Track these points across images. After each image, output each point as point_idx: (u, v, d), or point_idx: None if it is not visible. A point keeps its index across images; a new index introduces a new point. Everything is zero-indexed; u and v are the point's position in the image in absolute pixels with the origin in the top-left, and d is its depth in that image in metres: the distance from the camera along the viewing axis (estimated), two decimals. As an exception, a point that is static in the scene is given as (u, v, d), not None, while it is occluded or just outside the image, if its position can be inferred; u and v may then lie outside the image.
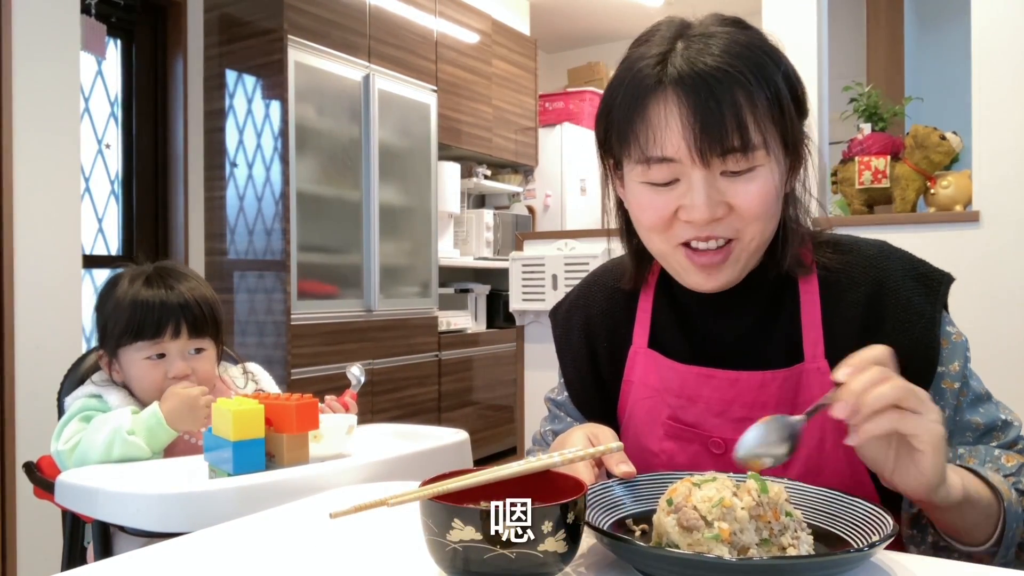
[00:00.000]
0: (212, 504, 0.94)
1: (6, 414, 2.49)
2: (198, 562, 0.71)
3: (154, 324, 1.31)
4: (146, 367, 1.33)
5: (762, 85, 0.77)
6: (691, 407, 0.87)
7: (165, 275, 1.36)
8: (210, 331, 1.37)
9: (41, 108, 2.59)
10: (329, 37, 3.34)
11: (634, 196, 0.84)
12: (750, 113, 0.76)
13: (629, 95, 0.80)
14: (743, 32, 0.80)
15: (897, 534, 0.60)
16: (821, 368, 0.83)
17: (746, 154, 0.77)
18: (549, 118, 5.16)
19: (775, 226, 0.83)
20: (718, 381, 0.86)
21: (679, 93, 0.76)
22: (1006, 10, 2.27)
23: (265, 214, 3.21)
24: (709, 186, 0.78)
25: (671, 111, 0.77)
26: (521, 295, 2.89)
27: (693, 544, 0.60)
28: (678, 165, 0.78)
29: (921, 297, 0.83)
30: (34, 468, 1.36)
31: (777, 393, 0.83)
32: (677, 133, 0.76)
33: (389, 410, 3.60)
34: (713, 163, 0.77)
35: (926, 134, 2.39)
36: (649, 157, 0.79)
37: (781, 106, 0.78)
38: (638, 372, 0.93)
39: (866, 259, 0.86)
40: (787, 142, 0.81)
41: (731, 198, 0.78)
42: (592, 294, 1.02)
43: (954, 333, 0.85)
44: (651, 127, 0.78)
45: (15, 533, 2.50)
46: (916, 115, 2.97)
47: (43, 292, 2.58)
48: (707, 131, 0.75)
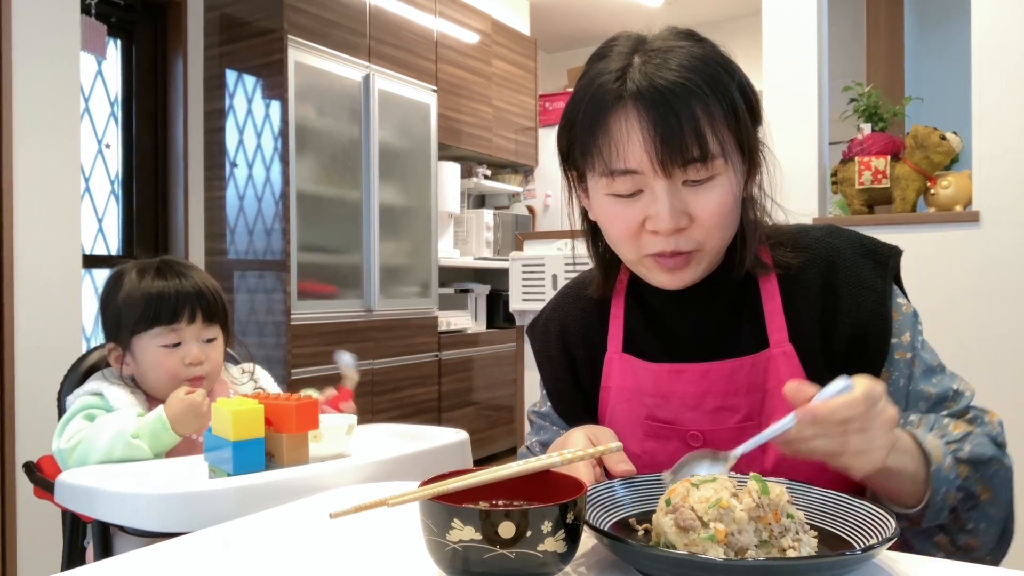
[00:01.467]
0: (212, 504, 0.94)
1: (6, 414, 2.49)
2: (198, 562, 0.71)
3: (171, 309, 1.33)
4: (162, 354, 1.34)
5: (718, 97, 0.80)
6: (666, 404, 0.90)
7: (174, 265, 1.39)
8: (220, 319, 1.40)
9: (41, 108, 2.59)
10: (329, 37, 3.34)
11: (601, 208, 0.87)
12: (707, 124, 0.79)
13: (591, 110, 0.83)
14: (698, 45, 0.84)
15: (898, 536, 0.60)
16: (787, 352, 0.87)
17: (705, 163, 0.80)
18: (549, 118, 5.16)
19: (734, 231, 0.87)
20: (690, 375, 0.89)
21: (639, 107, 0.79)
22: (1006, 10, 2.27)
23: (265, 214, 3.21)
24: (672, 196, 0.81)
25: (632, 125, 0.80)
26: (521, 295, 2.89)
27: (689, 544, 0.60)
28: (641, 177, 0.81)
29: (871, 272, 0.87)
30: (34, 468, 1.36)
31: (747, 379, 0.87)
32: (639, 146, 0.80)
33: (389, 410, 3.60)
34: (675, 173, 0.80)
35: (926, 134, 2.39)
36: (613, 170, 0.82)
37: (737, 115, 0.82)
38: (615, 377, 0.96)
39: (815, 241, 0.90)
40: (743, 149, 0.84)
41: (692, 208, 0.82)
42: (565, 306, 1.05)
43: (904, 305, 0.89)
44: (613, 141, 0.81)
45: (15, 533, 2.50)
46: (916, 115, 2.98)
47: (43, 292, 2.58)
48: (667, 143, 0.78)
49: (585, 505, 0.63)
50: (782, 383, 0.82)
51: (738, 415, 0.87)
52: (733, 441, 0.84)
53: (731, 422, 0.87)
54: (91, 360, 1.48)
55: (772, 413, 0.86)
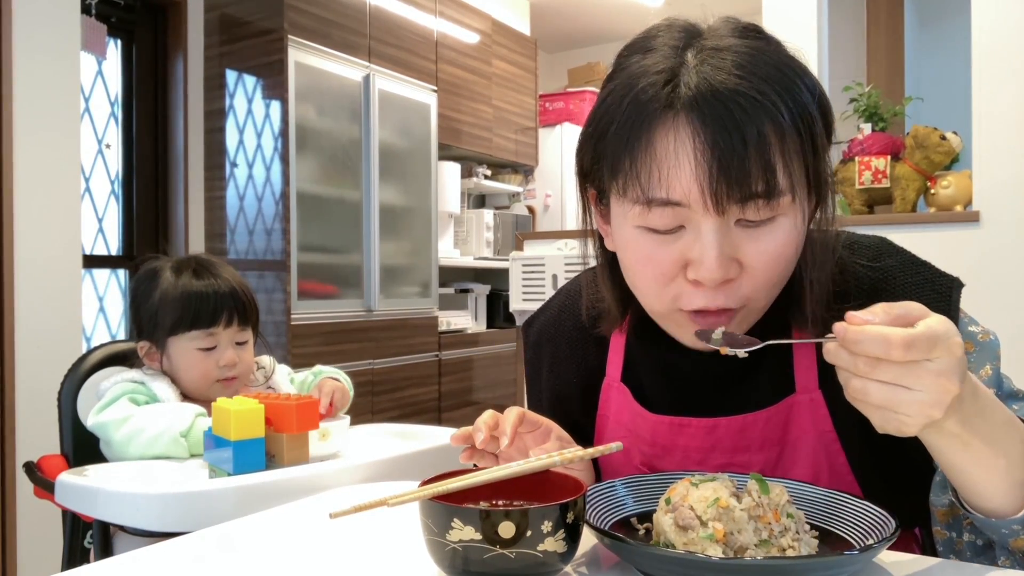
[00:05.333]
0: (212, 504, 0.94)
1: (6, 414, 2.49)
2: (198, 562, 0.71)
3: (209, 313, 1.34)
4: (198, 357, 1.35)
5: (794, 115, 0.64)
6: (667, 456, 0.79)
7: (209, 266, 1.40)
8: (252, 320, 1.41)
9: (41, 108, 2.59)
10: (329, 37, 3.34)
11: (627, 243, 0.70)
12: (779, 150, 0.63)
13: (630, 119, 0.66)
14: (768, 45, 0.67)
15: (897, 537, 0.60)
16: (815, 400, 0.74)
17: (770, 201, 0.64)
18: (549, 118, 5.16)
19: (783, 285, 0.71)
20: (694, 430, 0.77)
21: (694, 121, 0.63)
22: (1006, 10, 2.27)
23: (265, 214, 3.21)
24: (722, 238, 0.65)
25: (682, 144, 0.63)
26: (521, 295, 2.89)
27: (688, 543, 0.60)
28: (685, 211, 0.65)
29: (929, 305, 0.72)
30: (34, 468, 1.35)
31: (761, 434, 0.75)
32: (689, 172, 0.63)
33: (389, 410, 3.59)
34: (729, 211, 0.64)
35: (926, 134, 2.39)
36: (651, 199, 0.65)
37: (813, 140, 0.65)
38: (612, 407, 0.85)
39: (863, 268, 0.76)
40: (811, 180, 0.67)
41: (744, 255, 0.66)
42: (562, 323, 0.92)
43: (979, 333, 0.73)
44: (657, 162, 0.64)
45: (15, 533, 2.50)
46: (916, 115, 2.98)
47: (43, 292, 2.58)
48: (726, 172, 0.62)
49: (585, 505, 0.63)
50: (805, 433, 0.74)
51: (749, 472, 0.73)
52: None
53: None
54: (91, 360, 1.48)
55: (790, 468, 0.75)
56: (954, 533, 0.68)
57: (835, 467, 0.75)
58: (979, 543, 0.66)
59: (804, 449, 0.75)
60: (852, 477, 0.75)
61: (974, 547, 0.67)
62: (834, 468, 0.75)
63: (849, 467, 0.75)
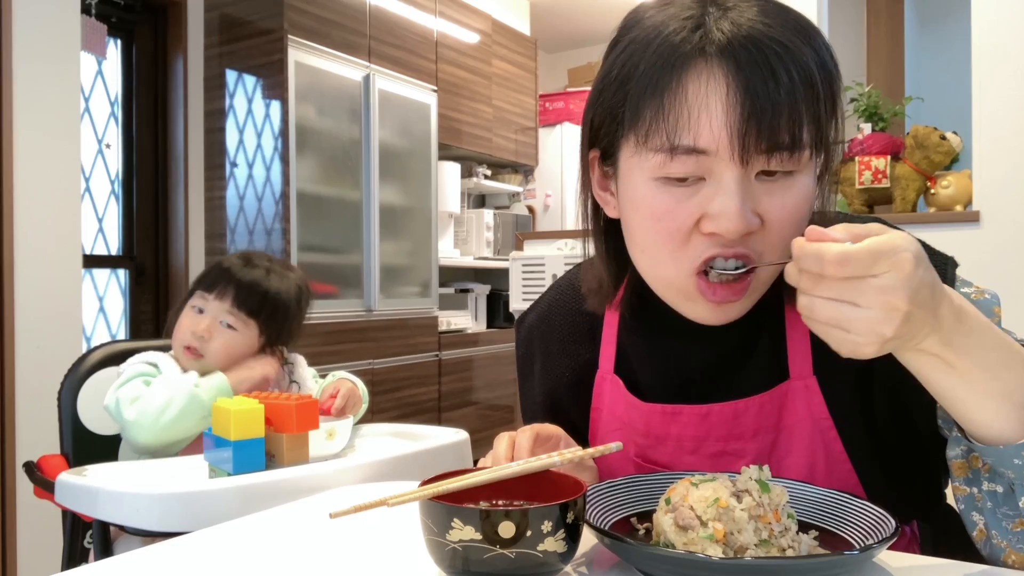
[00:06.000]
0: (212, 504, 0.94)
1: (6, 414, 2.49)
2: (198, 562, 0.71)
3: (210, 281, 1.41)
4: (186, 314, 1.41)
5: (818, 67, 0.63)
6: (660, 446, 0.78)
7: (260, 258, 1.46)
8: (258, 315, 1.41)
9: (41, 108, 2.59)
10: (329, 37, 3.34)
11: (643, 199, 0.67)
12: (807, 101, 0.62)
13: (660, 60, 0.63)
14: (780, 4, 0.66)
15: (897, 537, 0.60)
16: (809, 386, 0.73)
17: (793, 154, 0.63)
18: (549, 118, 5.16)
19: None
20: (687, 417, 0.76)
21: (727, 66, 0.61)
22: (1006, 10, 2.27)
23: (265, 214, 3.21)
24: (744, 191, 0.63)
25: (715, 89, 0.61)
26: (521, 295, 2.89)
27: (688, 543, 0.60)
28: (708, 160, 0.63)
29: None
30: (34, 468, 1.36)
31: (755, 421, 0.74)
32: (719, 118, 0.61)
33: (389, 410, 3.59)
34: (753, 161, 0.63)
35: (926, 134, 2.39)
36: (675, 145, 0.63)
37: (833, 96, 0.65)
38: (606, 400, 0.84)
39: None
40: (822, 143, 0.66)
41: (762, 210, 0.64)
42: (551, 319, 0.91)
43: (973, 292, 0.72)
44: (688, 105, 0.62)
45: (15, 533, 2.50)
46: (916, 115, 2.98)
47: (43, 292, 2.58)
48: (758, 119, 0.61)
49: (585, 505, 0.63)
50: (800, 420, 0.73)
51: (744, 460, 0.74)
52: None
53: (735, 468, 0.72)
54: (91, 360, 1.48)
55: (785, 455, 0.74)
56: (974, 488, 0.65)
57: (831, 454, 0.74)
58: (999, 490, 0.63)
59: (799, 436, 0.74)
60: (849, 465, 0.74)
61: (995, 497, 0.63)
62: (830, 455, 0.74)
63: (846, 454, 0.74)
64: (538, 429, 0.75)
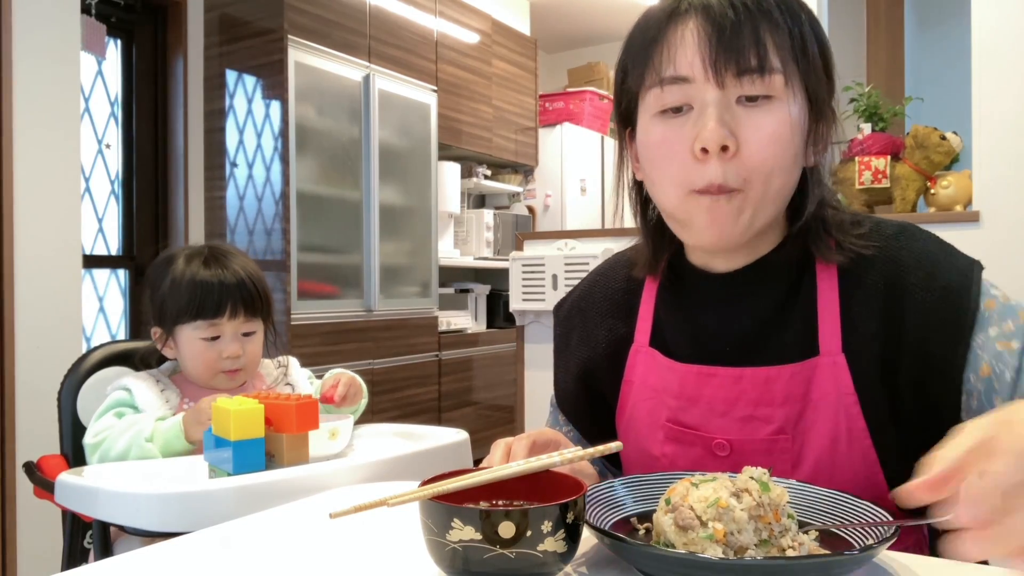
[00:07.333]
0: (212, 504, 0.94)
1: (6, 414, 2.49)
2: (198, 562, 0.71)
3: (213, 304, 1.34)
4: (202, 347, 1.35)
5: (786, 20, 0.75)
6: (692, 408, 0.83)
7: (219, 255, 1.39)
8: (261, 312, 1.40)
9: (41, 108, 2.59)
10: (329, 37, 3.34)
11: (650, 137, 0.80)
12: (771, 36, 0.74)
13: (647, 27, 0.79)
14: None
15: (897, 537, 0.60)
16: (838, 363, 0.78)
17: (763, 76, 0.74)
18: (549, 118, 5.16)
19: (786, 183, 0.78)
20: (720, 379, 0.82)
21: (698, 17, 0.75)
22: (1006, 10, 2.27)
23: (265, 214, 3.21)
24: (723, 110, 0.74)
25: (689, 30, 0.76)
26: (521, 295, 2.89)
27: (688, 543, 0.60)
28: (691, 87, 0.75)
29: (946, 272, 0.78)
30: (34, 468, 1.35)
31: (785, 389, 0.79)
32: (692, 49, 0.75)
33: (389, 410, 3.59)
34: (728, 83, 0.74)
35: (926, 134, 2.39)
36: (663, 77, 0.76)
37: (805, 47, 0.76)
38: (639, 372, 0.90)
39: (885, 239, 0.81)
40: (810, 93, 0.77)
41: (743, 130, 0.74)
42: (592, 295, 0.99)
43: (1001, 296, 0.77)
44: (667, 46, 0.77)
45: (15, 533, 2.50)
46: (916, 115, 2.97)
47: (43, 292, 2.58)
48: (725, 44, 0.73)
49: (585, 505, 0.63)
50: (827, 395, 0.77)
51: (771, 426, 0.79)
52: (763, 454, 0.80)
53: (762, 433, 0.79)
54: (91, 360, 1.48)
55: (810, 427, 0.79)
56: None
57: (853, 431, 0.78)
58: None
59: (825, 410, 0.78)
60: (870, 441, 0.78)
61: None
62: (852, 432, 0.78)
63: (867, 432, 0.78)
64: (535, 436, 0.81)
